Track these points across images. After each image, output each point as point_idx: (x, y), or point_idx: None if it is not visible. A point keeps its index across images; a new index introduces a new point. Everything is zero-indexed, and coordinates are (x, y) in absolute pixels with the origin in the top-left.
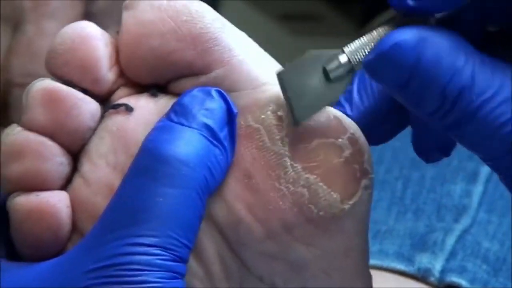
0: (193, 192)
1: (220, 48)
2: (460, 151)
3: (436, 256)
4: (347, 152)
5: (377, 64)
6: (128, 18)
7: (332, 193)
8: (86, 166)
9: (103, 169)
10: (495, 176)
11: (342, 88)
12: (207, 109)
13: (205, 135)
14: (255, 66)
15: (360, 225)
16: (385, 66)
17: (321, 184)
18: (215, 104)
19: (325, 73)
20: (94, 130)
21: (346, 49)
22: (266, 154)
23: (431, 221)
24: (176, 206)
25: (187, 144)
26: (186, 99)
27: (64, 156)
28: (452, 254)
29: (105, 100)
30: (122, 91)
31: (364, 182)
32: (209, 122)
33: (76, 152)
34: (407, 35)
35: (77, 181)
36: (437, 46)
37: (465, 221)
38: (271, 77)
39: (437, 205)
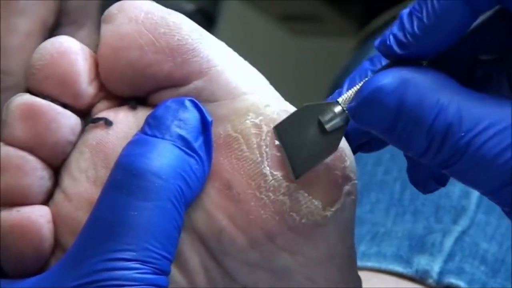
0: (168, 203)
1: (198, 59)
2: None
3: (434, 258)
4: (327, 159)
5: (360, 109)
6: (106, 31)
7: (313, 200)
8: (66, 181)
9: (84, 184)
10: None
11: (339, 139)
12: (181, 119)
13: (179, 145)
14: (234, 76)
15: (344, 232)
16: (368, 111)
17: (302, 191)
18: (189, 114)
19: (321, 125)
20: (74, 144)
21: (340, 99)
22: (245, 163)
23: (430, 222)
24: (152, 219)
25: (160, 156)
26: (160, 111)
27: (45, 171)
28: (450, 256)
29: (86, 114)
30: (102, 104)
31: (346, 188)
32: (182, 132)
33: (57, 166)
34: (388, 78)
35: (58, 196)
36: (419, 87)
37: (463, 223)
38: (250, 86)
39: (436, 207)
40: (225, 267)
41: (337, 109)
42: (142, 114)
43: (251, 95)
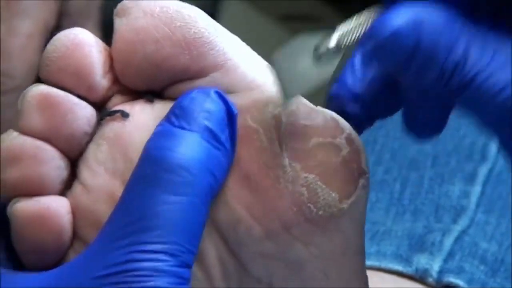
0: (197, 198)
1: (214, 52)
2: (458, 152)
3: (434, 257)
4: (344, 152)
5: (375, 52)
6: (121, 25)
7: (330, 192)
8: (85, 174)
9: (102, 176)
10: (493, 177)
11: (332, 69)
12: (207, 111)
13: (207, 138)
14: (250, 68)
15: (357, 225)
16: (384, 54)
17: (320, 183)
18: (215, 106)
19: (316, 54)
20: (90, 135)
21: (335, 33)
22: (264, 154)
23: (429, 222)
24: (180, 213)
25: (190, 150)
26: (186, 101)
27: (61, 160)
28: (450, 255)
29: (100, 107)
30: (117, 98)
31: (361, 181)
32: (210, 124)
33: (73, 158)
34: (401, 20)
35: (76, 188)
36: (432, 28)
37: (463, 222)
38: (266, 79)
39: (435, 206)
40: (240, 259)
41: (333, 40)
42: (159, 106)
43: (269, 87)
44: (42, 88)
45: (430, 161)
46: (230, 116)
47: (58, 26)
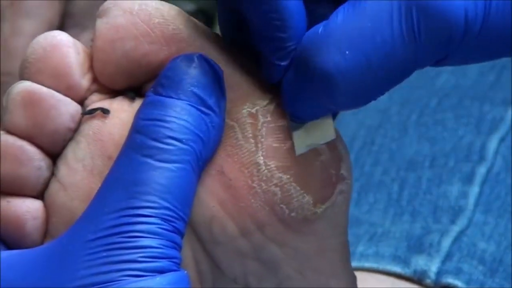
0: (188, 165)
1: (193, 48)
2: (456, 152)
3: (432, 258)
4: (324, 157)
5: None
6: (101, 24)
7: (305, 194)
8: (62, 171)
9: (80, 173)
10: (491, 177)
11: None
12: (193, 77)
13: (195, 105)
14: (229, 65)
15: (335, 228)
16: None
17: (294, 184)
18: (200, 71)
19: None
20: (74, 131)
21: None
22: (239, 151)
23: (428, 222)
24: (172, 180)
25: (178, 118)
26: (171, 70)
27: (43, 161)
28: (448, 256)
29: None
30: (95, 96)
31: (339, 187)
32: (197, 90)
33: (57, 155)
34: None
35: (53, 186)
36: None
37: (461, 223)
38: (246, 76)
39: (434, 207)
40: (214, 259)
41: None
42: (138, 103)
43: (248, 85)
44: (26, 85)
45: (428, 162)
46: (217, 77)
47: (61, 26)
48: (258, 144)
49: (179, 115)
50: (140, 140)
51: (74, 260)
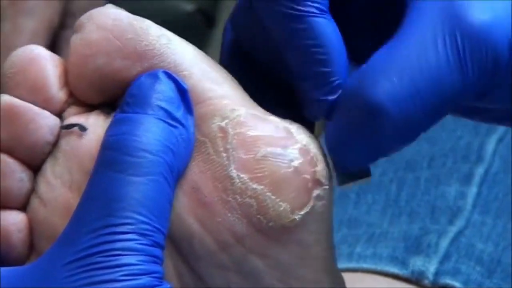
0: (160, 177)
1: (165, 64)
2: (454, 152)
3: (430, 259)
4: (296, 162)
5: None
6: (76, 39)
7: (281, 203)
8: (42, 187)
9: (59, 189)
10: (490, 178)
11: None
12: (158, 92)
13: (162, 118)
14: (200, 81)
15: (317, 235)
16: None
17: (269, 194)
18: (165, 86)
19: None
20: (53, 144)
21: None
22: (212, 166)
23: (425, 223)
24: (146, 193)
25: (147, 131)
26: (136, 88)
27: (23, 173)
28: (446, 257)
29: (58, 119)
30: (72, 109)
31: (316, 192)
32: (163, 104)
33: (37, 168)
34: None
35: (34, 202)
36: None
37: (459, 223)
38: (217, 91)
39: (432, 207)
40: (197, 272)
41: None
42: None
43: (217, 100)
44: (5, 99)
45: (426, 162)
46: (182, 92)
47: (62, 25)
48: (230, 157)
49: (147, 128)
50: (110, 156)
51: (56, 283)
